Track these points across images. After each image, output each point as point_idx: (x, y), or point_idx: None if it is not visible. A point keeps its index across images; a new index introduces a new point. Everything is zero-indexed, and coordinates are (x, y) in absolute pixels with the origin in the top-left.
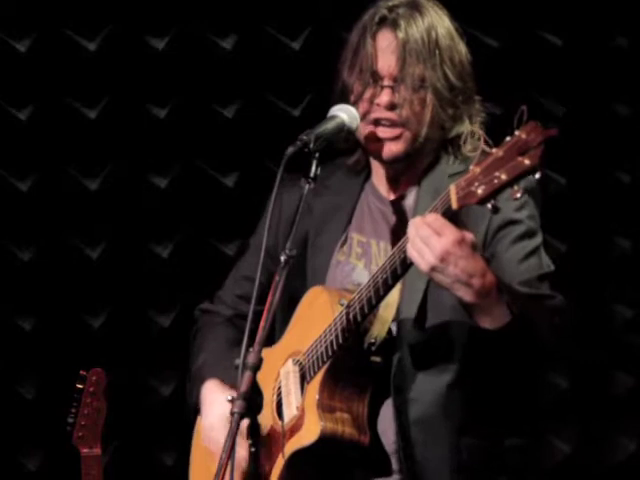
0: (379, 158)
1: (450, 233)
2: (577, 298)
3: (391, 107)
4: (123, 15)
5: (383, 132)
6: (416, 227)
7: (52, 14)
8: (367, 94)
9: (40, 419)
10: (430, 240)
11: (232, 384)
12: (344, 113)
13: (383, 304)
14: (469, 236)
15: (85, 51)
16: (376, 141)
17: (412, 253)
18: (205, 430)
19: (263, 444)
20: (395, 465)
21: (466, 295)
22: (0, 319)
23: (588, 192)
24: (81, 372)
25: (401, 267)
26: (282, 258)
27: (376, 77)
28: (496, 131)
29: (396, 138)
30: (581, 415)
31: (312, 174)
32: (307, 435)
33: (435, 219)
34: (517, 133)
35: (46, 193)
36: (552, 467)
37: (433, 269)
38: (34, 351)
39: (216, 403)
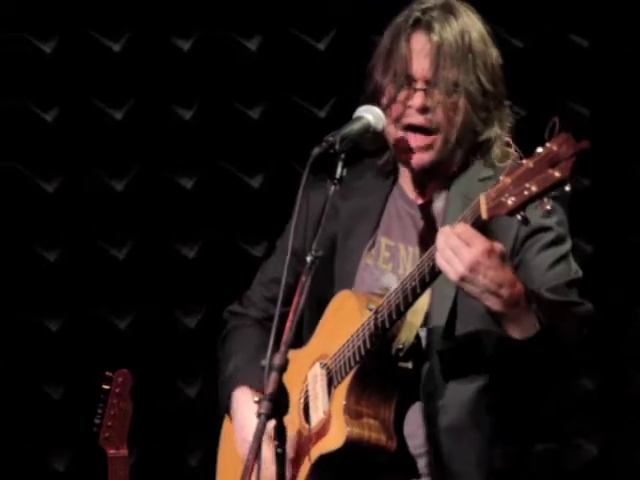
0: (409, 166)
1: (480, 243)
2: (601, 299)
3: (424, 110)
4: (148, 16)
5: (415, 140)
6: (445, 237)
7: (77, 15)
8: (400, 97)
9: (67, 420)
10: (460, 250)
11: (262, 389)
12: (370, 114)
13: (411, 310)
14: (498, 246)
15: (110, 52)
16: (407, 150)
17: (441, 263)
18: (237, 432)
19: (290, 447)
20: (422, 468)
21: (495, 305)
22: (27, 320)
23: (612, 193)
24: (107, 373)
25: (430, 275)
26: (308, 259)
27: (410, 80)
28: (522, 132)
29: (427, 147)
30: (608, 416)
31: (338, 175)
32: (333, 440)
33: (464, 229)
34: (548, 145)
35: (72, 194)
36: (580, 469)
37: (462, 279)
38: (61, 352)
39: (246, 408)
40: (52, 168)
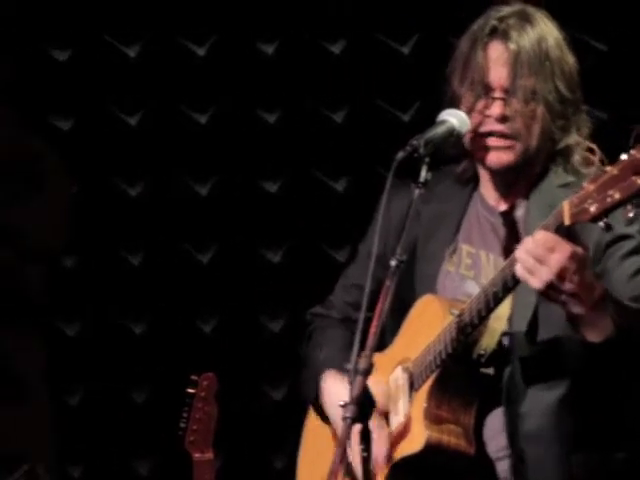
0: (487, 166)
1: (563, 248)
2: None
3: (502, 119)
4: (233, 21)
5: (494, 141)
6: (527, 247)
7: (162, 20)
8: (479, 106)
9: (152, 424)
10: (545, 258)
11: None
12: (454, 117)
13: (493, 315)
14: (580, 250)
15: (195, 56)
16: (485, 149)
17: (523, 273)
18: (327, 401)
19: (371, 449)
20: (501, 472)
21: (577, 309)
22: (111, 324)
23: None
24: (193, 377)
25: (512, 280)
26: (392, 263)
27: (487, 89)
28: (605, 136)
29: (506, 148)
30: None
31: (422, 179)
32: (413, 444)
33: (545, 236)
34: (633, 152)
35: (156, 198)
36: None
37: (548, 286)
38: (145, 356)
39: (337, 382)
40: (136, 172)
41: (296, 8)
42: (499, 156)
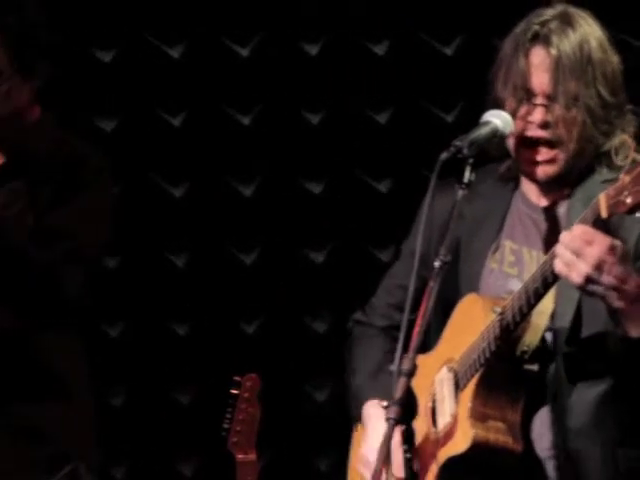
0: (533, 179)
1: (602, 241)
2: None
3: (544, 125)
4: (277, 21)
5: (538, 154)
6: (565, 241)
7: (206, 20)
8: (521, 111)
9: (195, 425)
10: (583, 251)
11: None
12: (497, 118)
13: (536, 312)
14: (618, 243)
15: (239, 57)
16: (530, 163)
17: (562, 268)
18: (363, 457)
19: (417, 451)
20: (550, 471)
21: (618, 302)
22: (155, 325)
23: None
24: (236, 378)
25: (552, 276)
26: (436, 264)
27: (529, 95)
28: None
29: (551, 161)
30: None
31: (466, 180)
32: (460, 443)
33: (583, 229)
34: None
35: (200, 199)
36: None
37: (588, 279)
38: (189, 357)
39: (375, 430)
40: (180, 173)
41: (340, 9)
42: (544, 170)
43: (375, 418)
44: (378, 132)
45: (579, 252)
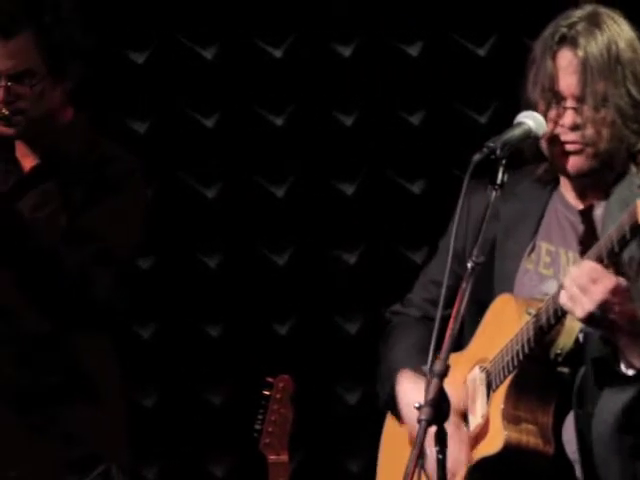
0: (565, 173)
1: (607, 280)
2: None
3: (574, 128)
4: (309, 22)
5: (568, 146)
6: (572, 276)
7: (239, 21)
8: (551, 114)
9: (227, 426)
10: (588, 288)
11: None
12: (531, 120)
13: (570, 315)
14: (624, 282)
15: (271, 58)
16: (561, 156)
17: (566, 301)
18: (402, 403)
19: (448, 451)
20: (579, 475)
21: (615, 337)
22: (189, 326)
23: None
24: (268, 379)
25: None
26: (469, 265)
27: (558, 97)
28: None
29: (579, 152)
30: None
31: (499, 181)
32: (491, 444)
33: (591, 267)
34: None
35: (233, 200)
36: None
37: (590, 316)
38: (221, 358)
39: (411, 383)
40: (212, 174)
41: (373, 10)
42: (574, 161)
43: (409, 381)
44: (411, 133)
45: (584, 289)
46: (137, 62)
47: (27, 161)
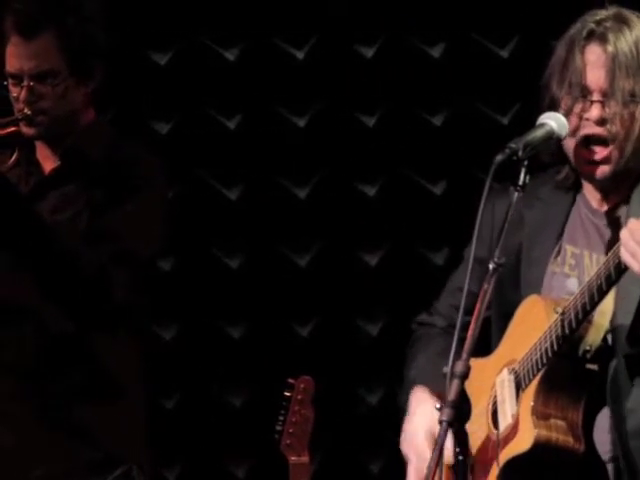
0: (590, 179)
1: None
2: None
3: (601, 122)
4: (331, 23)
5: (594, 154)
6: (630, 230)
7: (261, 23)
8: (577, 109)
9: (248, 427)
10: None
11: (441, 392)
12: (553, 121)
13: (598, 311)
14: None
15: (294, 59)
16: (587, 163)
17: (626, 257)
18: (407, 434)
19: (478, 453)
20: (610, 474)
21: None
22: (210, 327)
23: None
24: (289, 380)
25: (615, 272)
26: (490, 266)
27: (585, 92)
28: None
29: (607, 160)
30: None
31: (521, 182)
32: (521, 442)
33: None
34: None
35: (255, 201)
36: None
37: None
38: (242, 359)
39: (422, 412)
40: (235, 175)
41: (396, 11)
42: (602, 170)
43: (422, 400)
44: (433, 134)
45: None
46: (160, 63)
47: (48, 163)
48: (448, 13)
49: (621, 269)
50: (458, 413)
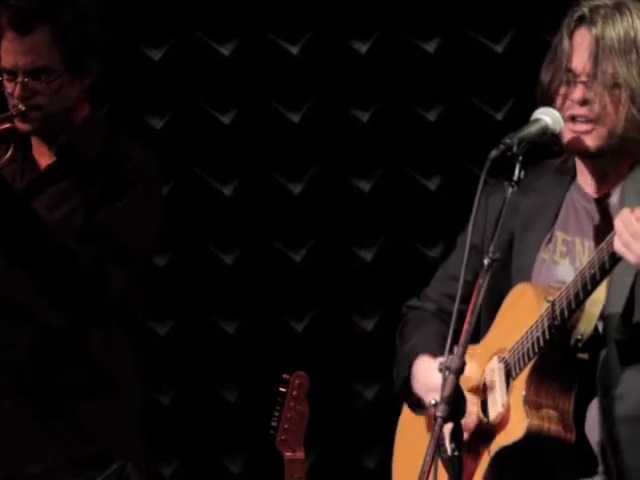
0: (574, 151)
1: None
2: None
3: (583, 102)
4: (326, 19)
5: (576, 127)
6: (624, 221)
7: (255, 18)
8: (562, 90)
9: (243, 422)
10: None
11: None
12: (548, 116)
13: (590, 300)
14: None
15: (288, 54)
16: (572, 137)
17: (620, 247)
18: (420, 377)
19: (468, 443)
20: (601, 465)
21: None
22: (205, 322)
23: None
24: (284, 376)
25: (609, 262)
26: (485, 262)
27: (571, 74)
28: None
29: (588, 132)
30: None
31: (515, 178)
32: (513, 432)
33: None
34: None
35: (249, 197)
36: None
37: None
38: (237, 354)
39: (429, 367)
40: (229, 171)
41: (390, 6)
42: (582, 141)
43: (427, 365)
44: (427, 130)
45: (636, 235)
46: (154, 59)
47: (43, 159)
48: (442, 9)
49: (615, 259)
50: (453, 409)
